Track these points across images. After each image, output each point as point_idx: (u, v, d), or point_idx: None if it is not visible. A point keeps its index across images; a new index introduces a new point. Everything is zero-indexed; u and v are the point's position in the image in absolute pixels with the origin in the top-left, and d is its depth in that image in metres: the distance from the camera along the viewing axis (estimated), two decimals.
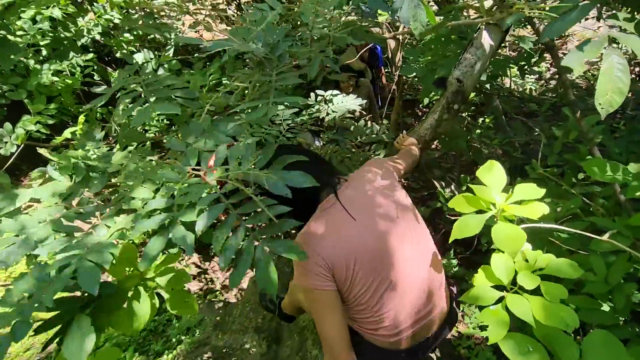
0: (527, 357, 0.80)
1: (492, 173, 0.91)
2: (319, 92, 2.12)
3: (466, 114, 2.48)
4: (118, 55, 3.59)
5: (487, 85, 3.04)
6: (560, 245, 1.23)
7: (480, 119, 2.68)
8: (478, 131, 2.50)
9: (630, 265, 1.02)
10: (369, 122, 2.34)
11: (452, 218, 2.17)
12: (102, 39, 3.54)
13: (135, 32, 3.53)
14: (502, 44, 1.49)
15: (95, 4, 3.44)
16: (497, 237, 0.80)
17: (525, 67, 2.50)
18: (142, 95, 0.92)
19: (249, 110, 0.87)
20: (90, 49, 3.66)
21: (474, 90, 3.05)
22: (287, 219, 0.75)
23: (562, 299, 0.83)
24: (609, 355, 0.76)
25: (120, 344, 2.44)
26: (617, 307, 1.03)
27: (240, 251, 0.72)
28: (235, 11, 3.84)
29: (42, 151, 1.05)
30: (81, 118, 2.66)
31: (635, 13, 1.39)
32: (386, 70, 4.29)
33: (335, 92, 2.08)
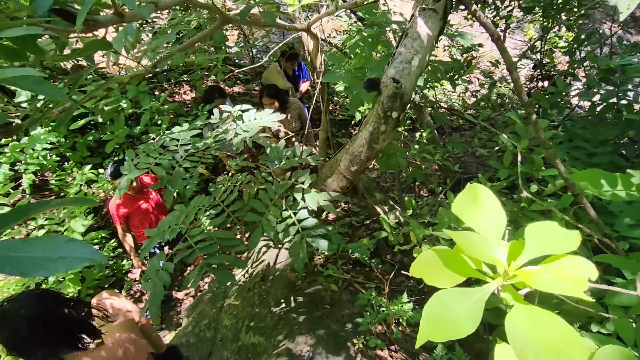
0: None
1: (481, 205, 0.51)
2: (224, 107, 1.66)
3: (402, 128, 2.21)
4: None
5: (417, 97, 2.87)
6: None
7: (417, 134, 2.45)
8: (417, 146, 2.25)
9: None
10: (295, 143, 1.93)
11: (401, 249, 1.78)
12: None
13: None
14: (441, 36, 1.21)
15: None
16: (523, 342, 0.39)
17: (456, 76, 2.35)
18: None
19: None
20: None
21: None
22: None
23: None
24: None
25: None
26: None
27: None
28: None
29: None
30: None
31: None
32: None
33: (246, 106, 1.64)
